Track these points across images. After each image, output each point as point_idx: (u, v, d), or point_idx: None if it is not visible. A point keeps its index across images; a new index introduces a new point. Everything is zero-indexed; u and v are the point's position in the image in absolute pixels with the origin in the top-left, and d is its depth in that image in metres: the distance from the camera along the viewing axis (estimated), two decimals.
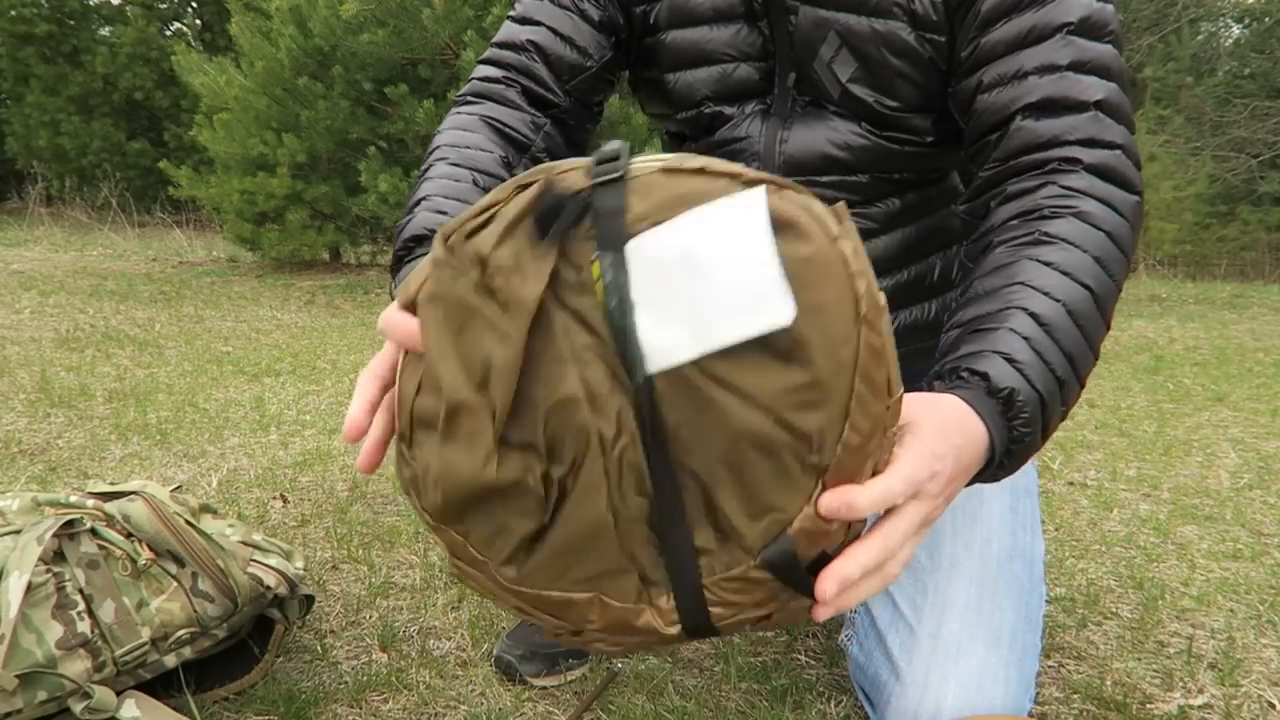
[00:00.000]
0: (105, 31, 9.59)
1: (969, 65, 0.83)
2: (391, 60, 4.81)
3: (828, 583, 0.51)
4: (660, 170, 0.54)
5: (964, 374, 0.64)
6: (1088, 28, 0.79)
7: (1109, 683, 1.14)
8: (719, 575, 0.54)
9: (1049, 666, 1.18)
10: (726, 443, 0.51)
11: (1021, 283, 0.69)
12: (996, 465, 0.63)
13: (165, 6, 10.03)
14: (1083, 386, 0.69)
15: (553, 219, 0.53)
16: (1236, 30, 9.70)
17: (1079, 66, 0.78)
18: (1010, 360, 0.64)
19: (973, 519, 0.90)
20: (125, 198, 8.89)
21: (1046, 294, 0.68)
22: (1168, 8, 8.32)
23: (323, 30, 4.67)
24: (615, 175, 0.53)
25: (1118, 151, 0.76)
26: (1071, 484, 1.97)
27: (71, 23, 9.21)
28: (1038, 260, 0.70)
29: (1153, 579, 1.46)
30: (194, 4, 10.32)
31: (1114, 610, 1.35)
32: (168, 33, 9.89)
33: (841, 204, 0.54)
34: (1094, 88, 0.77)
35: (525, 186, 0.55)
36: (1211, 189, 8.18)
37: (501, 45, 0.96)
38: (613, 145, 0.55)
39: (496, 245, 0.54)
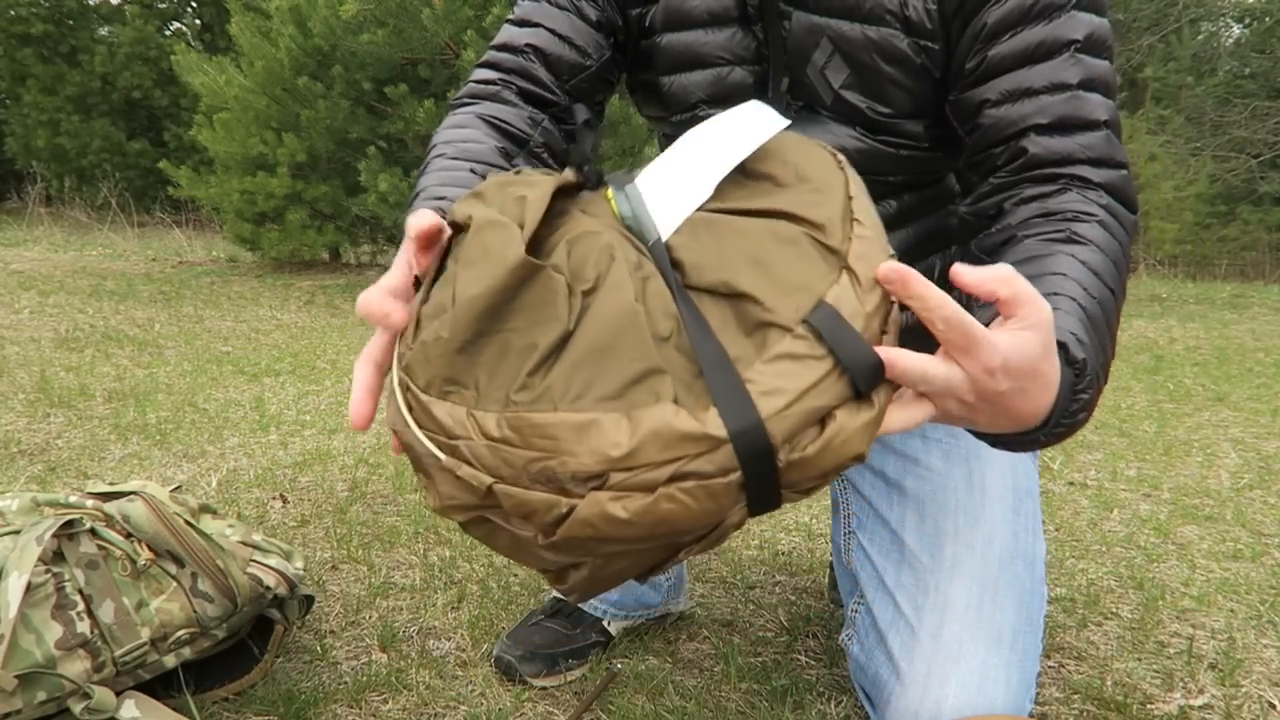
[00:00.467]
0: (104, 31, 9.58)
1: (974, 78, 0.83)
2: (391, 60, 4.81)
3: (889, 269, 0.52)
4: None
5: None
6: (1092, 44, 0.80)
7: (1109, 683, 1.14)
8: (759, 362, 0.49)
9: (1049, 667, 1.18)
10: (745, 243, 0.55)
11: (1063, 274, 0.69)
12: (1036, 434, 0.61)
13: (165, 6, 10.03)
14: (1106, 381, 0.69)
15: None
16: (1237, 30, 9.71)
17: (1087, 85, 0.79)
18: (1077, 338, 0.63)
19: (975, 520, 0.90)
20: (125, 198, 8.89)
21: (1085, 290, 0.69)
22: (1168, 8, 8.32)
23: (322, 30, 4.67)
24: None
25: (1124, 172, 0.79)
26: (1071, 484, 1.97)
27: (70, 22, 9.20)
28: (1074, 257, 0.71)
29: (1153, 579, 1.46)
30: (193, 4, 10.32)
31: (1114, 610, 1.35)
32: (167, 32, 9.89)
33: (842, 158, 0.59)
34: (1101, 107, 0.79)
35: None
36: (1212, 189, 8.18)
37: (499, 48, 0.95)
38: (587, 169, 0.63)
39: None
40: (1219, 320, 4.90)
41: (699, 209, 0.58)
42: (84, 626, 0.90)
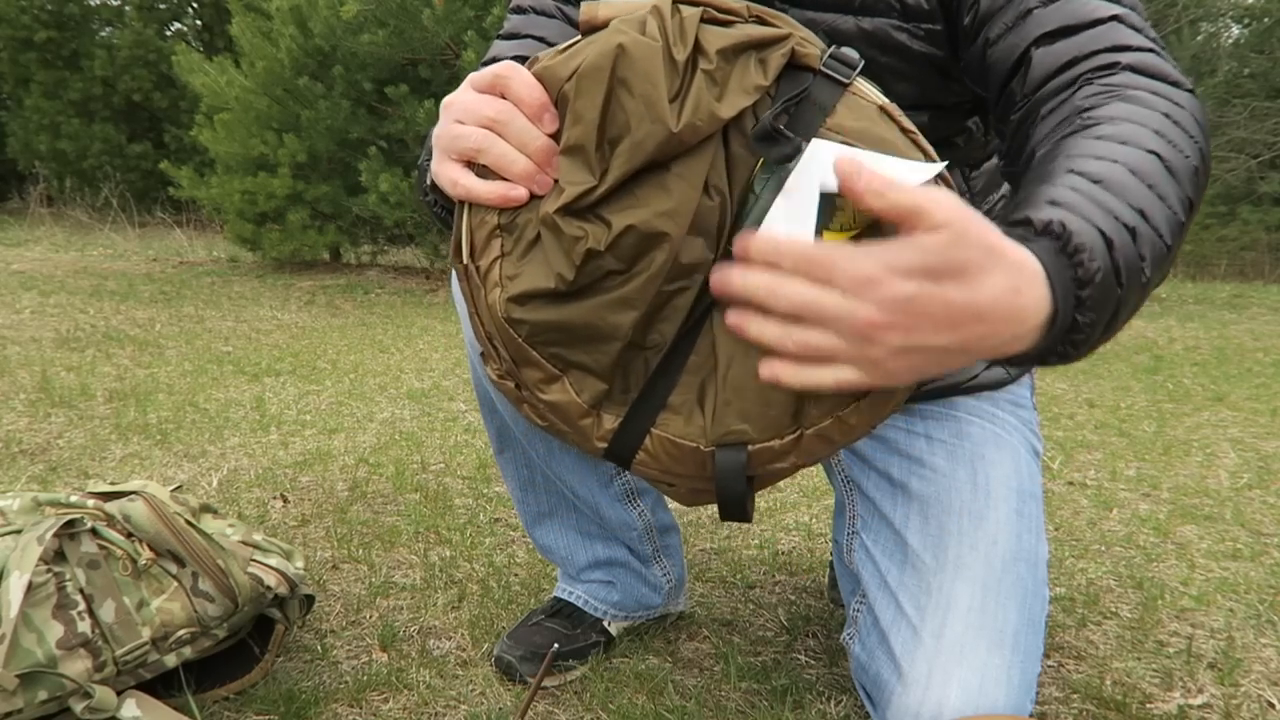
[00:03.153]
0: (105, 33, 9.59)
1: (972, 31, 0.80)
2: (392, 60, 4.81)
3: (753, 241, 0.51)
4: (879, 107, 0.60)
5: (1003, 230, 0.54)
6: None
7: (1109, 682, 1.14)
8: (668, 435, 0.60)
9: (1049, 666, 1.18)
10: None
11: (1067, 155, 0.62)
12: (1066, 322, 0.53)
13: (165, 7, 10.03)
14: (1169, 240, 0.58)
15: (789, 93, 0.59)
16: (1236, 30, 9.71)
17: None
18: (1053, 203, 0.56)
19: (979, 521, 0.90)
20: (126, 198, 8.89)
21: (1099, 158, 0.60)
22: (1168, 8, 8.31)
23: (323, 30, 4.67)
24: (841, 79, 0.59)
25: (1150, 52, 0.71)
26: (1071, 484, 1.97)
27: (73, 25, 9.20)
28: (1084, 137, 0.63)
29: (1152, 579, 1.46)
30: (194, 4, 10.32)
31: (1114, 610, 1.35)
32: (167, 33, 9.89)
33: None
34: (1104, 7, 0.73)
35: (763, 21, 0.61)
36: (1211, 189, 8.18)
37: (488, 64, 0.95)
38: (852, 53, 0.60)
39: (723, 50, 0.58)
40: (1218, 320, 4.90)
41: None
42: (85, 626, 0.90)
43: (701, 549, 1.55)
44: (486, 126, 0.58)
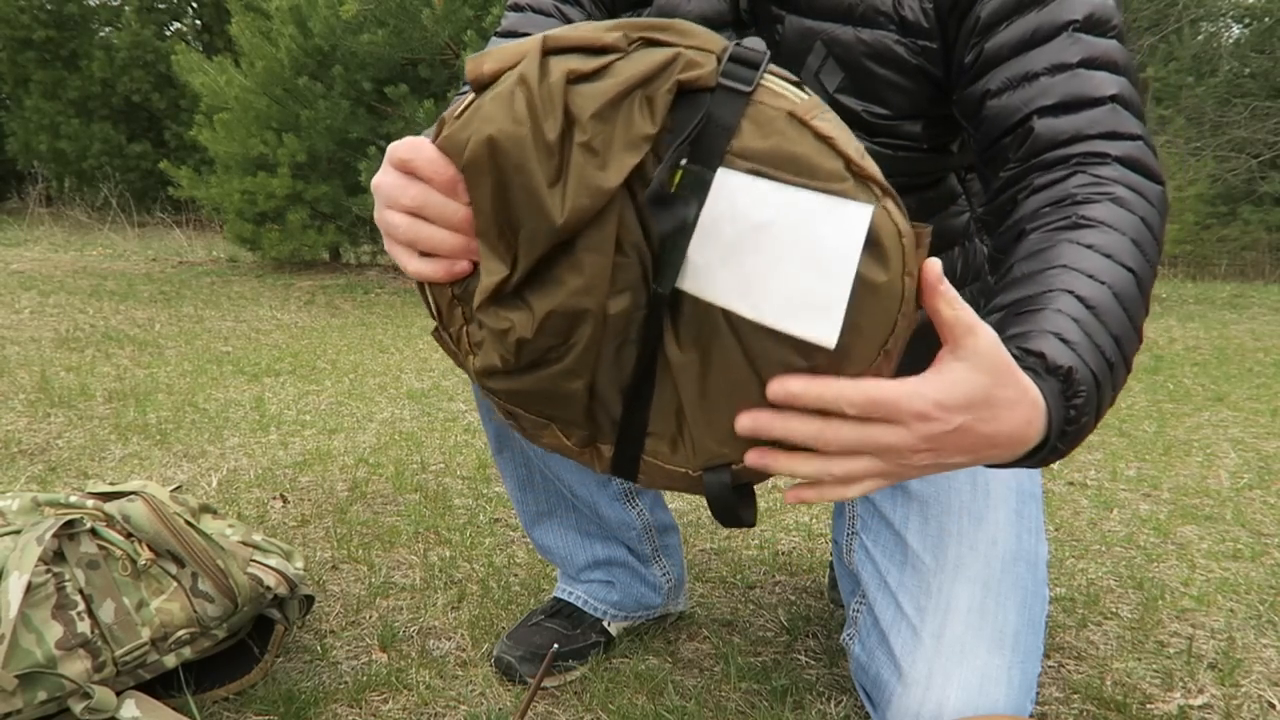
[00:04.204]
0: (105, 32, 9.59)
1: (974, 72, 0.82)
2: (391, 60, 4.81)
3: (802, 388, 0.52)
4: (787, 114, 0.53)
5: (1016, 353, 0.61)
6: (1092, 24, 0.78)
7: (1109, 683, 1.14)
8: (658, 461, 0.60)
9: (1049, 666, 1.18)
10: (719, 379, 0.56)
11: (1064, 265, 0.68)
12: (1049, 448, 0.60)
13: (164, 7, 10.03)
14: (1129, 369, 0.68)
15: (685, 122, 0.53)
16: (1236, 30, 9.71)
17: (1089, 63, 0.77)
18: (1063, 339, 0.62)
19: (979, 521, 0.90)
20: (125, 198, 8.90)
21: (1090, 276, 0.66)
22: (1168, 8, 8.31)
23: (323, 30, 4.67)
24: (743, 89, 0.53)
25: (1139, 142, 0.76)
26: (1071, 484, 1.97)
27: (72, 25, 9.20)
28: (1078, 243, 0.69)
29: (1153, 579, 1.46)
30: (193, 4, 10.32)
31: (1114, 610, 1.35)
32: (167, 33, 9.90)
33: (926, 229, 0.53)
34: (1107, 83, 0.77)
35: (650, 42, 0.55)
36: (1212, 189, 8.17)
37: None
38: (755, 45, 0.54)
39: (597, 113, 0.53)
40: (1219, 320, 4.90)
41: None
42: (84, 626, 0.90)
43: (701, 549, 1.55)
44: (410, 213, 0.58)
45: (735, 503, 0.59)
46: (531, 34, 0.95)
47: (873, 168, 0.53)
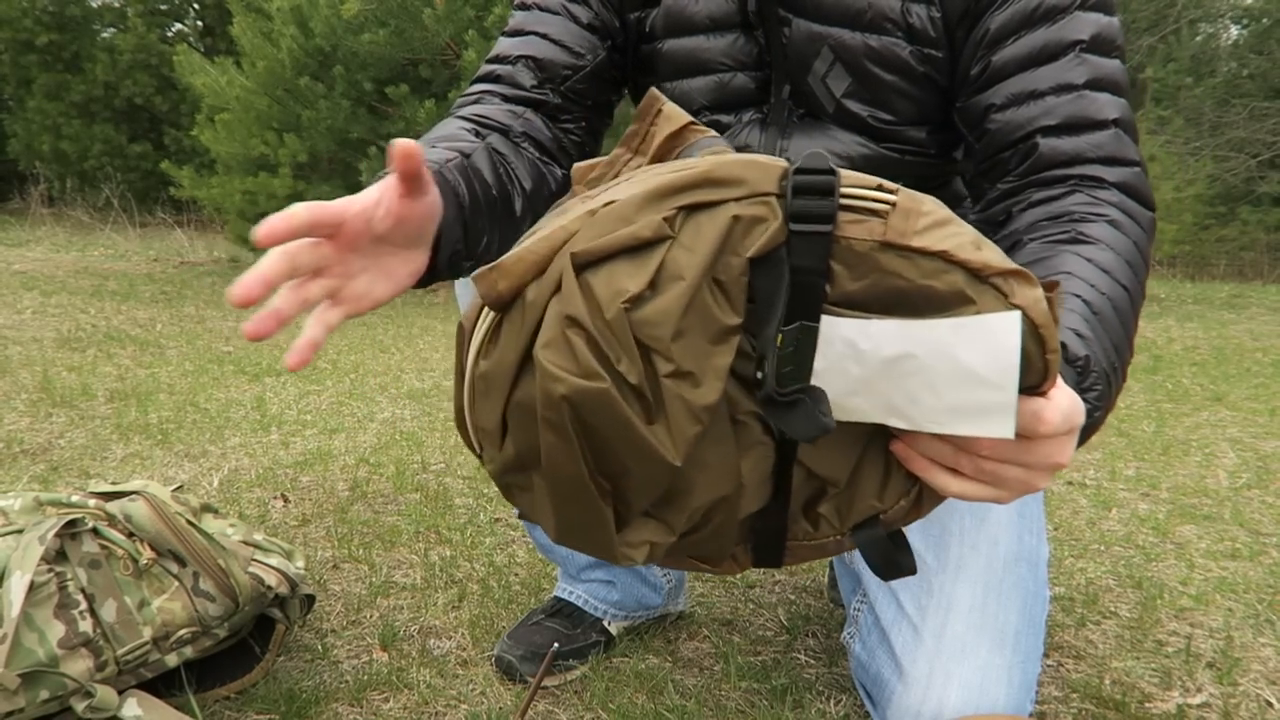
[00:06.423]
0: (107, 34, 9.59)
1: (980, 83, 0.82)
2: (392, 60, 4.81)
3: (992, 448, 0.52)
4: (879, 245, 0.46)
5: None
6: (1099, 44, 0.79)
7: (1108, 682, 1.14)
8: (804, 542, 0.58)
9: (1048, 665, 1.18)
10: (869, 467, 0.55)
11: (1068, 273, 0.69)
12: None
13: (166, 9, 10.03)
14: (1124, 380, 0.69)
15: (766, 291, 0.47)
16: (1235, 31, 9.71)
17: (1094, 85, 0.78)
18: (1078, 334, 0.63)
19: (980, 521, 0.90)
20: (127, 198, 8.89)
21: (1093, 286, 0.68)
22: (1167, 8, 8.32)
23: (324, 30, 4.67)
24: (821, 230, 0.46)
25: (1137, 169, 0.78)
26: (1070, 484, 1.97)
27: (74, 28, 9.20)
28: (1079, 255, 0.71)
29: (1151, 578, 1.46)
30: (195, 5, 10.33)
31: (1113, 609, 1.35)
32: (169, 34, 9.90)
33: (1061, 296, 0.53)
34: (1109, 106, 0.78)
35: (693, 207, 0.46)
36: (1211, 189, 8.17)
37: (492, 60, 0.96)
38: (816, 162, 0.46)
39: (676, 335, 0.46)
40: (1217, 320, 4.90)
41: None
42: (86, 625, 0.90)
43: None
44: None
45: (893, 550, 0.57)
46: (535, 30, 0.95)
47: (994, 256, 0.47)
